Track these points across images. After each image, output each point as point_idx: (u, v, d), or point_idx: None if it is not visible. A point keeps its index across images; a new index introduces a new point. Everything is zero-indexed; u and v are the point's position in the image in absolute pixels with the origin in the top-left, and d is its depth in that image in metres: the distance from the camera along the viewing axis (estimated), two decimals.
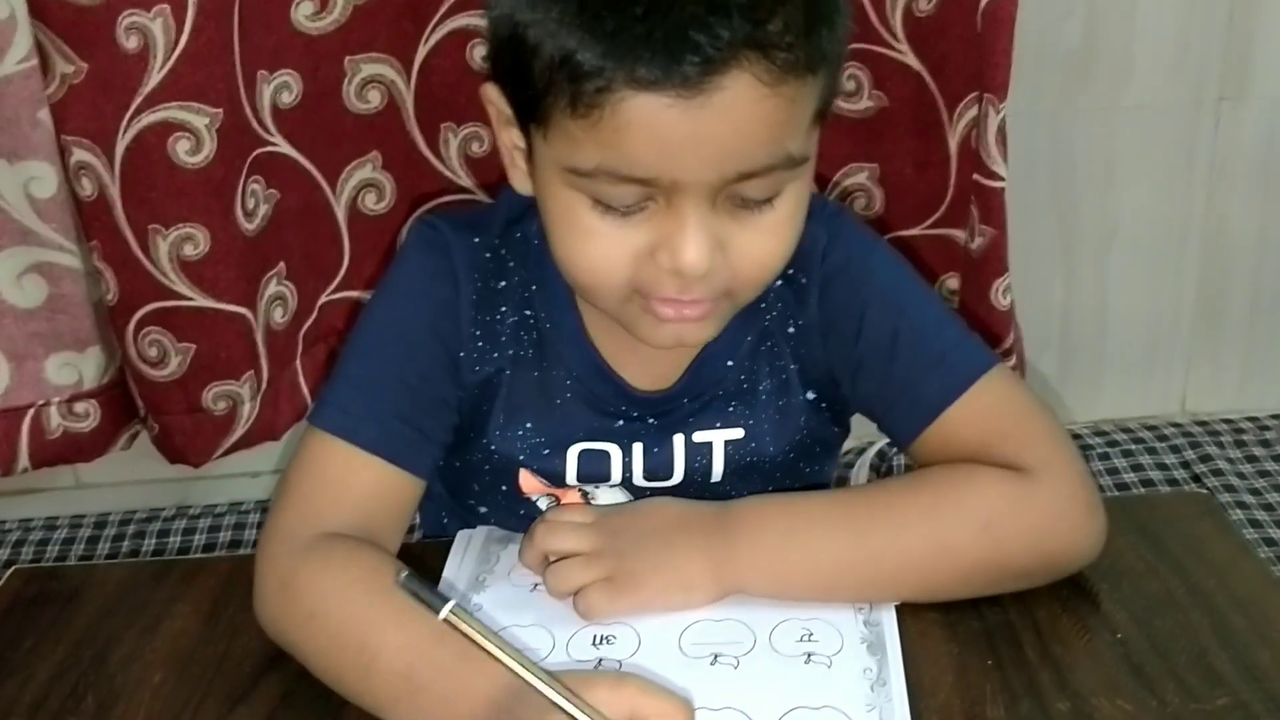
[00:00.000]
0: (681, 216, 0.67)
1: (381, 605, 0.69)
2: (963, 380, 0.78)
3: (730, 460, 0.83)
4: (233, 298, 1.09)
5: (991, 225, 1.16)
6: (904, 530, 0.74)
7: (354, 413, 0.76)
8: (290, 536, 0.73)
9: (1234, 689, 0.69)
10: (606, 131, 0.64)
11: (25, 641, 0.77)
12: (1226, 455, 1.41)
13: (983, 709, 0.68)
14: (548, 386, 0.81)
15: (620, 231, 0.68)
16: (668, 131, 0.63)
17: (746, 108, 0.64)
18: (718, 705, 0.68)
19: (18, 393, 1.13)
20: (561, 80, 0.64)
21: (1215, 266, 1.45)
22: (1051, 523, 0.75)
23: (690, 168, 0.65)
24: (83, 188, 1.04)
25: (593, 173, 0.66)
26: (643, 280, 0.70)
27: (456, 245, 0.80)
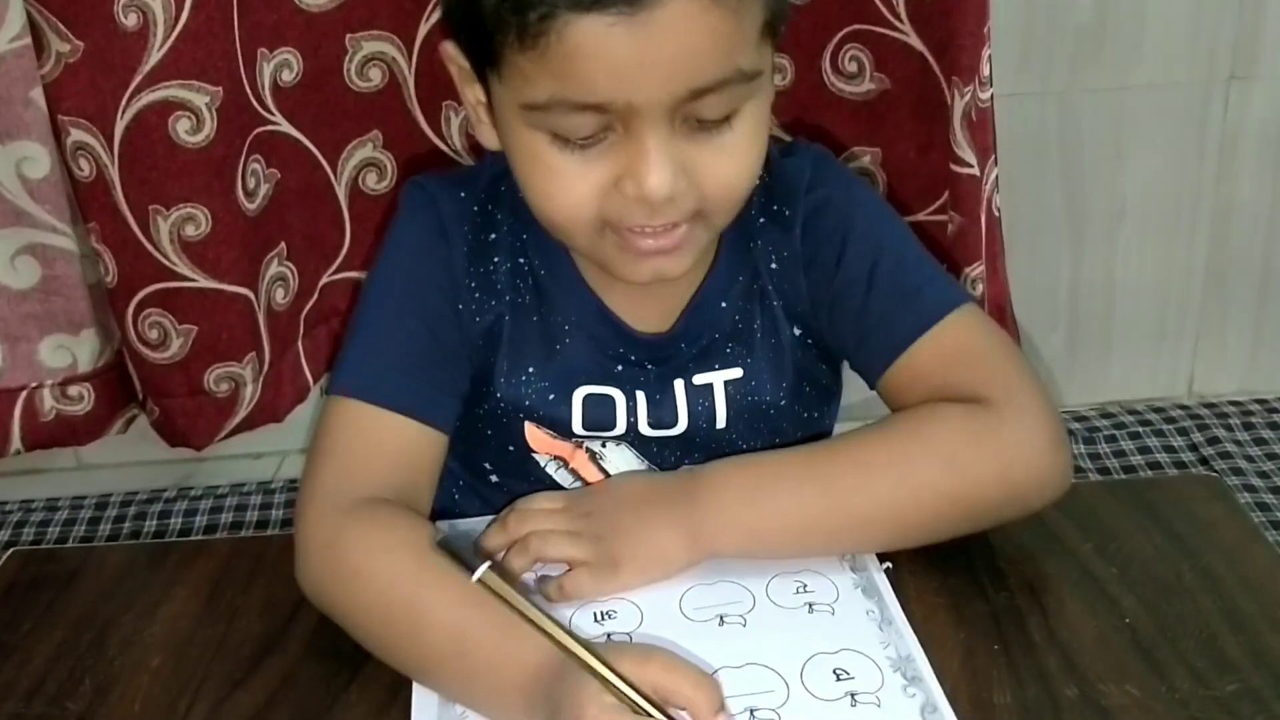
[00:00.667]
0: (641, 142, 0.68)
1: (430, 565, 0.69)
2: (933, 315, 0.79)
3: (732, 402, 0.84)
4: (234, 278, 1.08)
5: (962, 213, 1.14)
6: (871, 474, 0.75)
7: (371, 373, 0.78)
8: (330, 498, 0.74)
9: (1244, 674, 0.69)
10: (555, 60, 0.65)
11: (23, 624, 0.77)
12: (1235, 438, 1.40)
13: (989, 694, 0.68)
14: (548, 331, 0.82)
15: (582, 166, 0.70)
16: (614, 52, 0.64)
17: (690, 22, 0.64)
18: (739, 663, 0.69)
19: (11, 375, 1.13)
20: (507, 14, 0.65)
21: (1224, 247, 1.44)
22: (1016, 452, 0.75)
23: (641, 88, 0.66)
24: (80, 169, 1.03)
25: (547, 104, 0.67)
26: (611, 212, 0.71)
27: (444, 200, 0.82)
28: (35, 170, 1.08)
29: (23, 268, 1.11)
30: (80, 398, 1.15)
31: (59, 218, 1.10)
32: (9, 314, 1.12)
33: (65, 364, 1.15)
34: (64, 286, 1.12)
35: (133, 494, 1.36)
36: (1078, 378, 1.48)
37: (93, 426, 1.17)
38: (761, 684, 0.67)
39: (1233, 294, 1.47)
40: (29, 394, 1.13)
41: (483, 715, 0.66)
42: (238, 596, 0.77)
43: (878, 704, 0.66)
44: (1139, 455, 1.38)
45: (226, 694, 0.71)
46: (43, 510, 1.33)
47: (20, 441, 1.14)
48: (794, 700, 0.66)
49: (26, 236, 1.10)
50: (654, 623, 0.72)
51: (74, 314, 1.13)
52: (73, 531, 1.30)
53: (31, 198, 1.09)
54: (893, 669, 0.68)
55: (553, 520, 0.75)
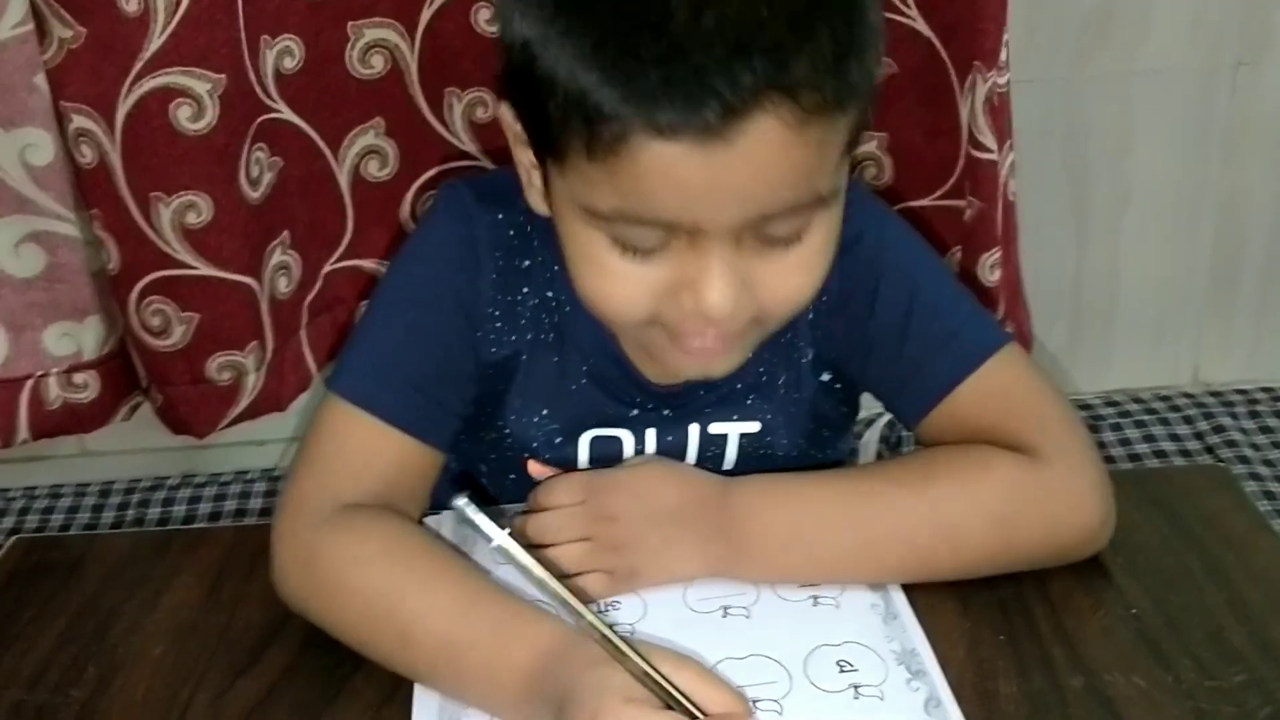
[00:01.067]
0: (705, 258, 0.64)
1: (409, 572, 0.69)
2: (973, 359, 0.77)
3: (743, 453, 0.82)
4: (236, 267, 1.08)
5: (981, 198, 1.13)
6: (912, 524, 0.73)
7: (376, 382, 0.75)
8: (310, 509, 0.72)
9: (1251, 665, 0.68)
10: (624, 177, 0.61)
11: (25, 612, 0.77)
12: (1240, 426, 1.39)
13: (994, 683, 0.68)
14: (564, 372, 0.80)
15: (641, 270, 0.65)
16: (688, 178, 0.60)
17: (771, 152, 0.60)
18: (742, 654, 0.69)
19: (16, 363, 1.12)
20: (577, 121, 0.61)
21: (1230, 234, 1.43)
22: (1065, 513, 0.74)
23: (712, 213, 0.62)
24: (82, 155, 1.03)
25: (610, 215, 0.64)
26: (665, 316, 0.67)
27: (480, 221, 0.78)
28: (39, 157, 1.08)
29: (27, 255, 1.11)
30: (85, 386, 1.15)
31: (63, 205, 1.10)
32: (13, 302, 1.11)
33: (70, 352, 1.14)
34: (68, 274, 1.12)
35: (136, 481, 1.36)
36: (1082, 366, 1.47)
37: (98, 414, 1.17)
38: (764, 675, 0.67)
39: (1238, 281, 1.46)
40: (35, 383, 1.13)
41: (482, 711, 0.66)
42: (241, 585, 0.76)
43: (881, 697, 0.66)
44: (1144, 444, 1.37)
45: (229, 683, 0.71)
46: (47, 497, 1.33)
47: (27, 430, 1.14)
48: (797, 692, 0.66)
49: (30, 224, 1.10)
50: (657, 613, 0.72)
51: (78, 301, 1.13)
52: (76, 518, 1.30)
53: (35, 184, 1.08)
54: (897, 662, 0.68)
55: (571, 526, 0.73)
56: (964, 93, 1.13)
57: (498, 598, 0.68)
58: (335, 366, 0.78)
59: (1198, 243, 1.44)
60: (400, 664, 0.68)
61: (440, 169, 1.17)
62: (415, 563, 0.69)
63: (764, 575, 0.74)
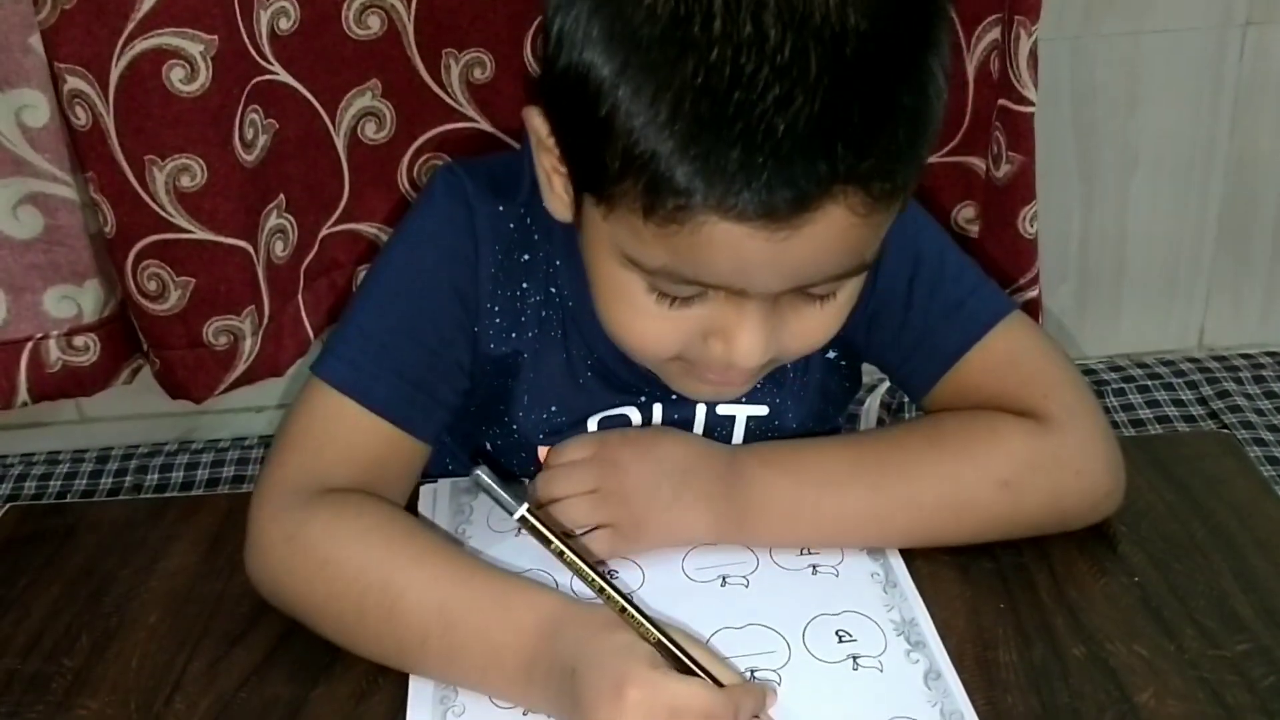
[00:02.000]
0: (742, 313, 0.63)
1: (403, 546, 0.68)
2: (980, 327, 0.77)
3: (750, 435, 0.82)
4: (232, 230, 1.07)
5: (1020, 152, 1.12)
6: (919, 489, 0.73)
7: (366, 370, 0.74)
8: (293, 490, 0.71)
9: (1255, 633, 0.68)
10: (681, 244, 0.59)
11: (20, 579, 0.77)
12: (1245, 391, 1.38)
13: (995, 653, 0.67)
14: (571, 368, 0.79)
15: (674, 314, 0.64)
16: (749, 256, 0.59)
17: (833, 236, 0.59)
18: (740, 623, 0.68)
19: (16, 325, 1.12)
20: (638, 180, 0.58)
21: (1239, 196, 1.42)
22: (1072, 479, 0.73)
23: (762, 282, 0.61)
24: (77, 117, 1.02)
25: (655, 271, 0.62)
26: (690, 355, 0.67)
27: (479, 212, 0.76)
28: (35, 119, 1.06)
29: (25, 218, 1.10)
30: (86, 348, 1.14)
31: (60, 167, 1.08)
32: (12, 264, 1.10)
33: (70, 314, 1.13)
34: (67, 236, 1.11)
35: (134, 447, 1.36)
36: (1087, 330, 1.46)
37: (99, 377, 1.16)
38: (763, 645, 0.67)
39: (1246, 245, 1.45)
40: (35, 345, 1.12)
41: (466, 688, 0.65)
42: (236, 553, 0.75)
43: (880, 668, 0.65)
44: (1148, 409, 1.36)
45: (225, 650, 0.70)
46: (44, 464, 1.33)
47: (27, 393, 1.13)
48: (795, 662, 0.66)
49: (28, 186, 1.09)
50: (656, 582, 0.72)
51: (78, 264, 1.12)
52: (74, 485, 1.29)
53: (32, 146, 1.07)
54: (896, 633, 0.68)
55: (579, 479, 0.73)
56: (971, 47, 1.11)
57: (494, 571, 0.68)
58: (323, 350, 0.76)
59: (1206, 206, 1.42)
60: (387, 641, 0.66)
61: (438, 131, 1.15)
62: (407, 539, 0.69)
63: (769, 538, 0.73)
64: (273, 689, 0.67)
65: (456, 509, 0.79)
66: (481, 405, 0.80)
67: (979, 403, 0.76)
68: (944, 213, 1.22)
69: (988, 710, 0.63)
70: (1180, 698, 0.64)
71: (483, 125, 1.14)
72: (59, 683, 0.68)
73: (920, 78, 0.59)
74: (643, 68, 0.56)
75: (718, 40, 0.54)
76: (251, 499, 0.72)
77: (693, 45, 0.55)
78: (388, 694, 0.66)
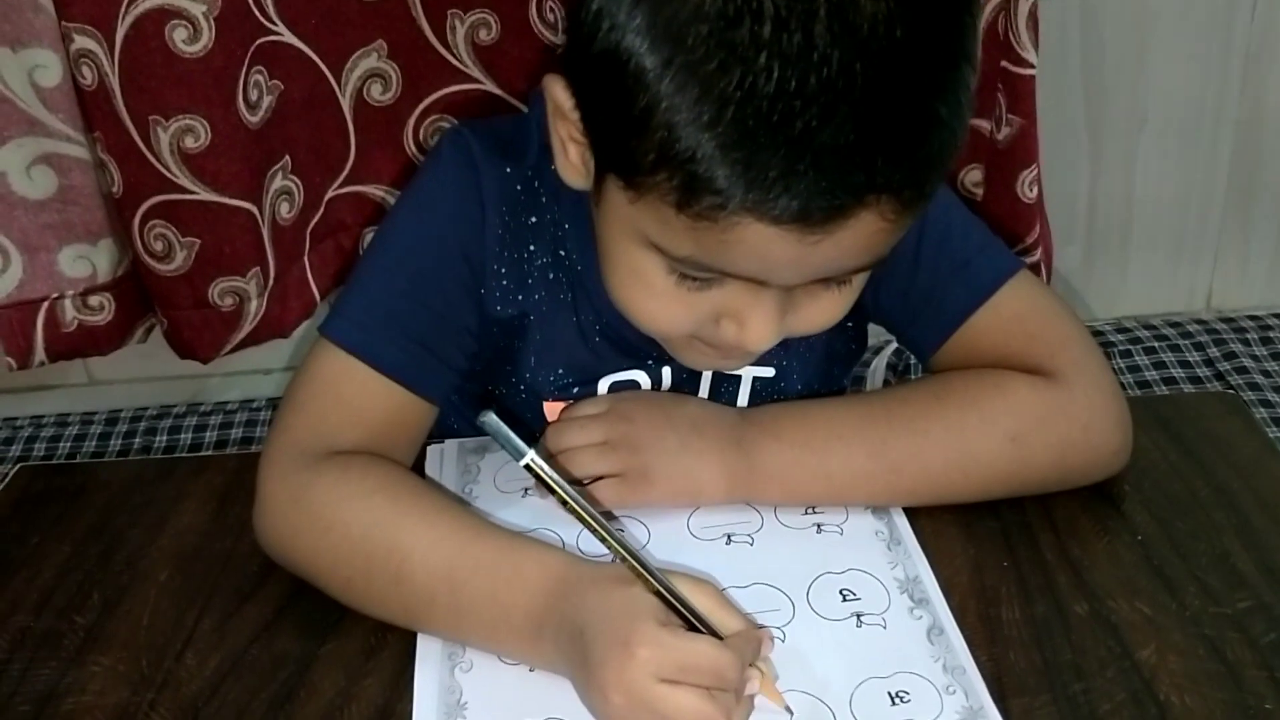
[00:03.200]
0: (758, 300, 0.64)
1: (410, 507, 0.68)
2: (987, 286, 0.77)
3: (756, 396, 0.82)
4: (236, 192, 1.06)
5: (1020, 114, 1.12)
6: (926, 444, 0.73)
7: (373, 332, 0.74)
8: (301, 451, 0.71)
9: (1256, 591, 0.68)
10: (709, 238, 0.59)
11: (32, 538, 0.77)
12: (1252, 352, 1.38)
13: (998, 610, 0.68)
14: (581, 331, 0.79)
15: (690, 296, 0.65)
16: (776, 255, 0.59)
17: (862, 239, 0.60)
18: (745, 582, 0.69)
19: (31, 285, 1.12)
20: (673, 175, 0.58)
21: (1248, 157, 1.41)
22: (1079, 434, 0.74)
23: (785, 278, 0.63)
24: (83, 76, 1.01)
25: (681, 259, 0.62)
26: (700, 333, 0.68)
27: (487, 174, 0.75)
28: (47, 78, 1.06)
29: (39, 177, 1.09)
30: (101, 307, 1.15)
31: (73, 127, 1.08)
32: (27, 224, 1.10)
33: (85, 274, 1.14)
34: (81, 196, 1.11)
35: (143, 409, 1.36)
36: (1094, 291, 1.46)
37: (114, 335, 1.16)
38: (768, 603, 0.67)
39: (1256, 206, 1.44)
40: (50, 304, 1.12)
41: (478, 648, 0.65)
42: (245, 511, 0.76)
43: (883, 625, 0.66)
44: (1154, 370, 1.36)
45: (235, 608, 0.71)
46: (53, 425, 1.33)
47: (44, 352, 1.13)
48: (800, 619, 0.66)
49: (41, 145, 1.08)
50: (661, 540, 0.72)
51: (91, 223, 1.12)
52: (83, 447, 1.30)
53: (45, 106, 1.07)
54: (900, 590, 0.68)
55: (590, 430, 0.74)
56: None
57: (501, 530, 0.68)
58: (330, 312, 0.76)
59: (1215, 166, 1.42)
60: (394, 601, 0.67)
61: (444, 92, 1.15)
62: (414, 500, 0.69)
63: (777, 494, 0.74)
64: (282, 645, 0.68)
65: (463, 469, 0.80)
66: (488, 366, 0.80)
67: (986, 361, 0.76)
68: (951, 175, 1.22)
69: (990, 666, 0.64)
70: (1181, 654, 0.64)
71: (489, 87, 1.14)
72: (71, 639, 0.69)
73: (956, 90, 0.59)
74: (688, 67, 0.55)
75: (766, 46, 0.54)
76: (259, 460, 0.73)
77: (742, 51, 0.54)
78: (396, 650, 0.67)
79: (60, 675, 0.67)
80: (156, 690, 0.65)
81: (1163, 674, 0.63)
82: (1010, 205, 1.16)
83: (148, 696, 0.65)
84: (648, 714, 0.57)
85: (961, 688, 0.62)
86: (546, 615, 0.62)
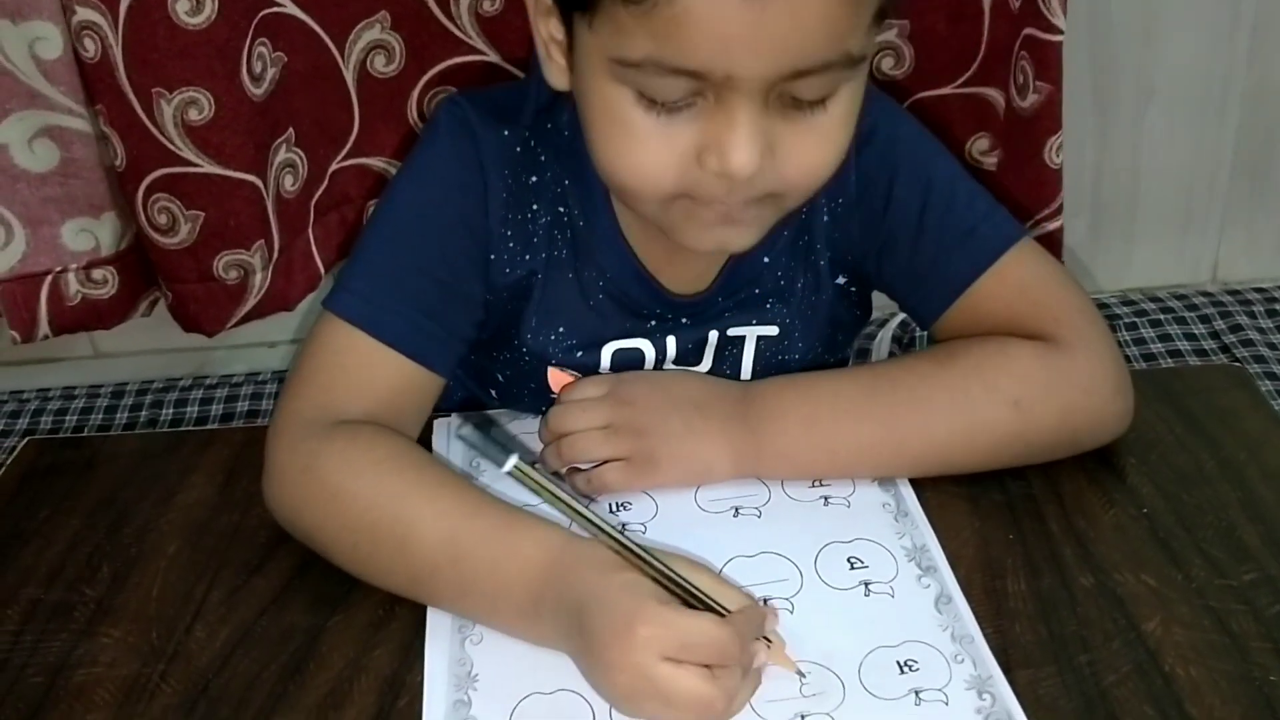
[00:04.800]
0: (731, 115, 0.62)
1: (415, 479, 0.68)
2: (991, 253, 0.77)
3: (760, 357, 0.82)
4: (240, 164, 1.06)
5: (1047, 81, 1.12)
6: (931, 413, 0.73)
7: (379, 304, 0.74)
8: (309, 422, 0.72)
9: (1261, 563, 0.68)
10: (660, 21, 0.59)
11: (41, 511, 0.78)
12: (1258, 325, 1.38)
13: (1004, 582, 0.68)
14: (582, 288, 0.79)
15: (666, 130, 0.64)
16: (725, 24, 0.59)
17: (813, 9, 0.59)
18: (753, 552, 0.69)
19: (35, 259, 1.12)
20: None
21: (1255, 129, 1.40)
22: (1082, 398, 0.74)
23: (745, 62, 0.61)
24: (85, 49, 1.01)
25: (641, 63, 0.62)
26: (688, 184, 0.66)
27: (485, 139, 0.76)
28: (48, 51, 1.05)
29: (40, 151, 1.09)
30: (105, 281, 1.15)
31: (74, 99, 1.08)
32: (29, 197, 1.10)
33: (88, 247, 1.14)
34: (83, 169, 1.11)
35: (149, 382, 1.36)
36: (1100, 263, 1.46)
37: (118, 309, 1.17)
38: (775, 573, 0.68)
39: (1262, 179, 1.43)
40: (54, 278, 1.12)
41: (479, 622, 0.66)
42: (253, 484, 0.76)
43: (891, 594, 0.66)
44: (1159, 343, 1.36)
45: (243, 580, 0.71)
46: (59, 399, 1.34)
47: (48, 326, 1.13)
48: (808, 589, 0.67)
49: (43, 119, 1.08)
50: (669, 513, 0.72)
51: (94, 197, 1.12)
52: (89, 420, 1.30)
53: (46, 79, 1.06)
54: (907, 559, 0.68)
55: (592, 414, 0.73)
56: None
57: (504, 505, 0.68)
58: (335, 285, 0.76)
59: (1222, 138, 1.41)
60: (398, 572, 0.67)
61: (448, 64, 1.14)
62: (419, 472, 0.69)
63: (784, 469, 0.74)
64: (291, 617, 0.68)
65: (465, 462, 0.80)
66: (493, 332, 0.80)
67: (990, 329, 0.76)
68: (958, 145, 1.21)
69: (996, 638, 0.64)
70: (1186, 626, 0.65)
71: (492, 58, 1.14)
72: (81, 611, 0.69)
73: None
74: None
75: None
76: (268, 431, 0.73)
77: None
78: (405, 622, 0.67)
79: (71, 647, 0.67)
80: (167, 662, 0.66)
81: (1168, 646, 0.63)
82: (1036, 172, 1.16)
83: (158, 668, 0.65)
84: (651, 693, 0.57)
85: (970, 657, 0.62)
86: (544, 592, 0.62)
